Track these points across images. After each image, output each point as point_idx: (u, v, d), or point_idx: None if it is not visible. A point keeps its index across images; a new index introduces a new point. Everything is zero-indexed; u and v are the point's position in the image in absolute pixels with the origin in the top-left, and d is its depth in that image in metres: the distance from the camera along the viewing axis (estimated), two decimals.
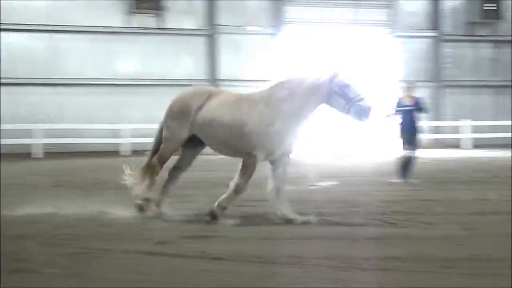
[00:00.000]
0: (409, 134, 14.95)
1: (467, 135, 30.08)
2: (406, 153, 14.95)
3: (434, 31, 31.90)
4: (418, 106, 15.10)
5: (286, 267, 6.75)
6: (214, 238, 8.24)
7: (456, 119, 30.53)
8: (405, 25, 31.41)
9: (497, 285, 6.07)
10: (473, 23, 32.16)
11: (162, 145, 9.97)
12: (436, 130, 31.05)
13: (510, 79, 32.36)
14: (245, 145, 9.40)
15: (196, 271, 6.57)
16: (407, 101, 15.10)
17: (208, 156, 11.72)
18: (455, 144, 29.80)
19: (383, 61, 30.89)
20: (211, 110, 9.62)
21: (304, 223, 9.18)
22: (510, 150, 25.18)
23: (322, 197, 12.22)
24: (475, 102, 31.83)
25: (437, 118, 31.26)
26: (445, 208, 10.91)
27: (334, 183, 14.51)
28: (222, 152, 9.97)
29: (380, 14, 31.17)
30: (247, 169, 9.44)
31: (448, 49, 32.14)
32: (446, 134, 30.83)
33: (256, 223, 9.32)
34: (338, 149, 26.39)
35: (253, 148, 9.36)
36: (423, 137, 15.19)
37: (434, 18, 31.95)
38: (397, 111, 15.06)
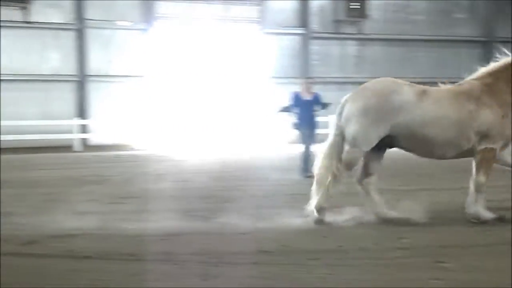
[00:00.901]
0: (308, 129, 15.15)
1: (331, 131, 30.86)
2: (305, 148, 15.11)
3: (303, 28, 32.56)
4: (318, 102, 15.40)
5: (158, 264, 6.72)
6: (82, 237, 8.09)
7: (325, 115, 31.30)
8: (274, 22, 31.88)
9: (358, 275, 6.29)
10: (339, 21, 33.07)
11: (348, 148, 9.04)
12: None
13: (374, 76, 33.49)
14: (482, 141, 8.90)
15: (64, 271, 6.44)
16: (306, 97, 15.30)
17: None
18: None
19: (253, 57, 31.23)
20: (430, 109, 8.87)
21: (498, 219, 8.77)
22: None
23: (194, 192, 12.23)
24: (342, 98, 32.57)
25: None
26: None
27: (206, 179, 14.56)
28: (434, 155, 9.29)
29: (250, 11, 31.48)
30: (488, 165, 8.93)
31: (316, 46, 32.91)
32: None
33: (127, 219, 9.20)
34: (217, 144, 26.53)
35: (492, 143, 8.90)
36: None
37: (302, 16, 32.61)
38: (295, 106, 15.24)
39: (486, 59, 35.22)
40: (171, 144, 26.59)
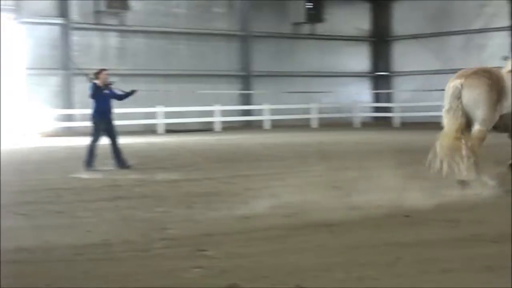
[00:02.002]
0: (106, 121, 14.76)
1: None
2: (94, 141, 14.73)
3: (62, 18, 31.71)
4: (114, 94, 15.06)
5: None
6: None
7: (86, 107, 30.69)
8: (31, 11, 30.71)
9: (122, 268, 6.27)
10: (100, 12, 32.63)
11: (480, 127, 10.20)
12: (68, 118, 31.00)
13: (136, 68, 33.43)
14: None
15: None
16: (104, 89, 14.89)
17: None
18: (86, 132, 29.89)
19: (8, 48, 29.87)
20: None
21: None
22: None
23: None
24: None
25: (67, 106, 31.23)
26: (76, 195, 10.97)
27: None
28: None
29: None
30: None
31: (76, 37, 32.18)
32: (77, 122, 30.85)
33: None
34: None
35: None
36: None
37: (62, 6, 31.74)
38: (94, 98, 14.78)
39: (244, 53, 36.79)
40: None
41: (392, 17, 41.45)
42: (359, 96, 39.91)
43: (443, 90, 10.63)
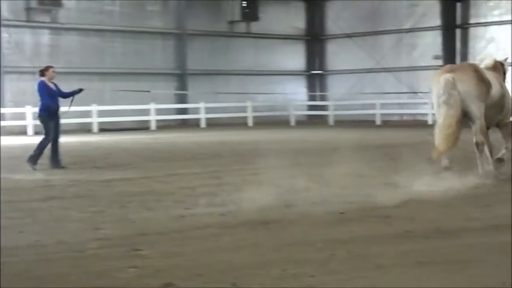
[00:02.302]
0: (54, 119, 14.48)
1: (30, 122, 29.77)
2: (45, 140, 14.50)
3: None
4: (61, 92, 14.80)
5: None
6: None
7: (17, 106, 30.06)
8: None
9: (57, 269, 6.19)
10: (32, 9, 32.01)
11: (480, 121, 10.80)
12: None
13: (70, 66, 32.88)
14: None
15: None
16: (52, 86, 14.61)
17: None
18: (20, 131, 29.30)
19: None
20: (501, 86, 11.21)
21: None
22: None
23: None
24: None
25: None
26: (8, 196, 10.76)
27: None
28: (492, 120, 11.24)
29: None
30: None
31: (6, 35, 31.49)
32: (8, 121, 30.22)
33: None
34: None
35: None
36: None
37: None
38: (42, 96, 14.48)
39: (179, 51, 36.64)
40: None
41: (326, 16, 41.86)
42: (294, 95, 40.19)
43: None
